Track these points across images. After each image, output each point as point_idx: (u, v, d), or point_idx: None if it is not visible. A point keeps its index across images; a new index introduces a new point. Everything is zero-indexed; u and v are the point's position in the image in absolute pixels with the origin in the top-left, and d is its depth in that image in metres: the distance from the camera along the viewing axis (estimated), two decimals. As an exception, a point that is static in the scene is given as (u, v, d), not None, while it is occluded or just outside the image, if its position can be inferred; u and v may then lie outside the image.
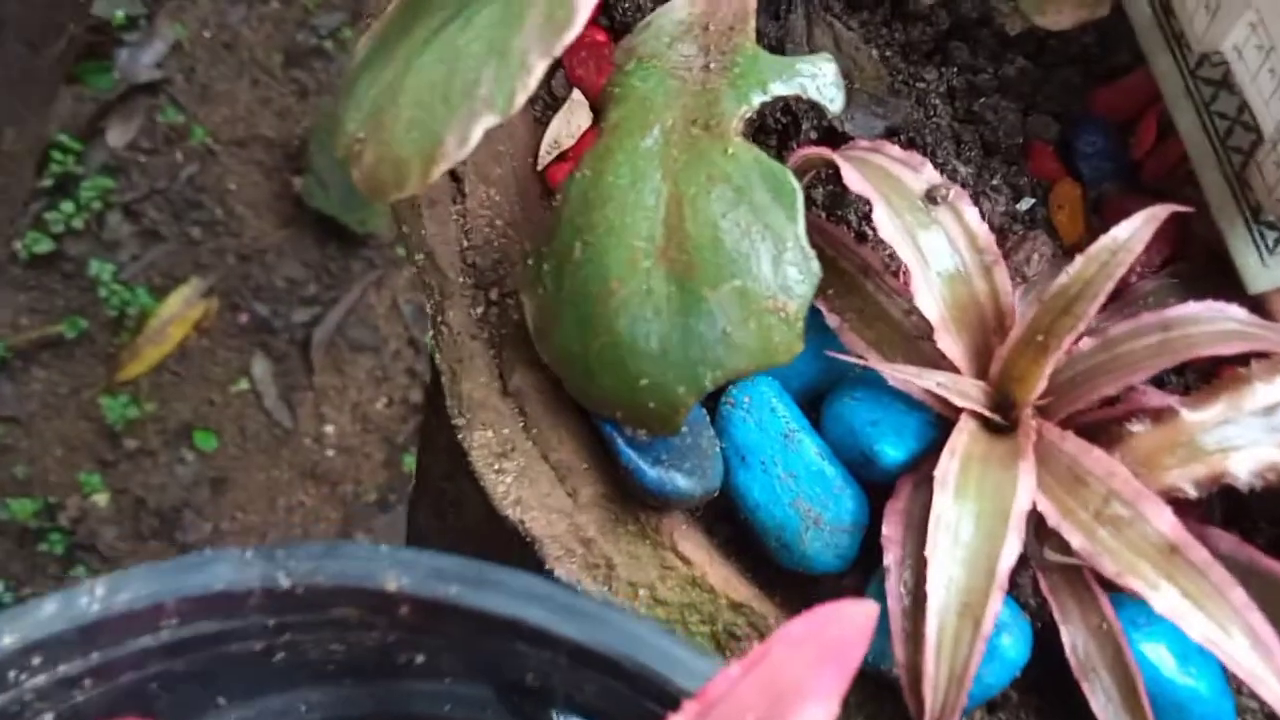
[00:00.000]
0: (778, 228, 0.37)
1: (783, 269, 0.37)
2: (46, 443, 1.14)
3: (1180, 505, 0.39)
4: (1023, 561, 0.41)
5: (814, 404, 0.46)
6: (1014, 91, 0.51)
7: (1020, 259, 0.47)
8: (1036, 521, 0.40)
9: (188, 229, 1.22)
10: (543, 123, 0.51)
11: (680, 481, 0.42)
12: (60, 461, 1.14)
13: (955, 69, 0.52)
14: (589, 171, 0.40)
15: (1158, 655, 0.39)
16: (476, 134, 0.35)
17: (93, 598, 0.31)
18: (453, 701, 0.38)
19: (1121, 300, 0.47)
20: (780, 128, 0.50)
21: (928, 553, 0.38)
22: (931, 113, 0.50)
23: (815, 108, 0.48)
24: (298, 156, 1.19)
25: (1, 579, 1.08)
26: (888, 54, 0.51)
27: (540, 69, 0.35)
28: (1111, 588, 0.40)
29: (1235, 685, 0.41)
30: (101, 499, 1.15)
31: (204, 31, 1.23)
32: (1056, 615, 0.40)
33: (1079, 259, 0.41)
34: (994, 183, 0.49)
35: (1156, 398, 0.41)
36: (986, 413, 0.42)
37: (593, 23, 0.51)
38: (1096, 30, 0.51)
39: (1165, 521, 0.37)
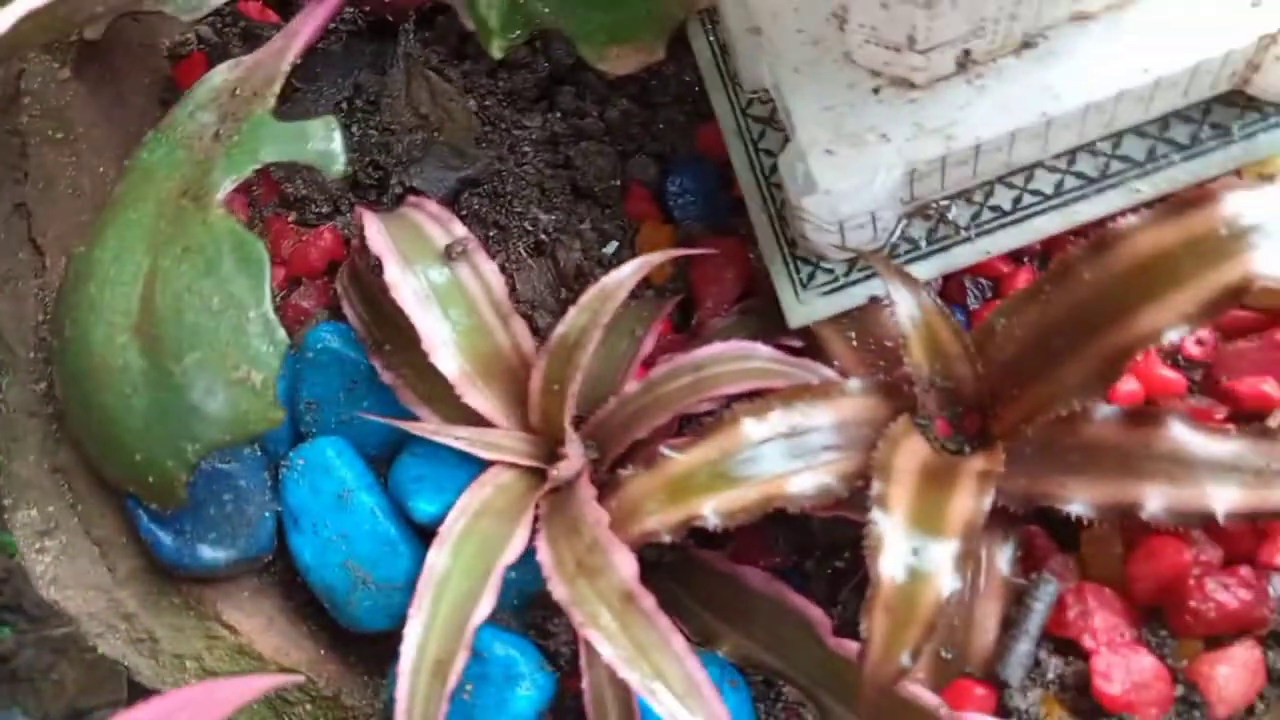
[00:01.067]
0: (241, 298, 0.38)
1: (246, 340, 0.38)
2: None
3: (742, 534, 0.41)
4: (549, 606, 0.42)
5: (389, 462, 0.47)
6: (620, 133, 0.52)
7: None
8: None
9: None
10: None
11: (204, 552, 0.42)
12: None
13: (559, 114, 0.53)
14: (83, 248, 0.41)
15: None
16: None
17: None
18: None
19: (698, 338, 0.48)
20: (374, 183, 0.52)
21: (410, 612, 0.38)
22: (521, 160, 0.51)
23: (396, 163, 0.50)
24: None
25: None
26: (488, 103, 0.52)
27: None
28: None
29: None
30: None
31: None
32: (582, 663, 0.41)
33: (572, 310, 0.42)
34: (581, 227, 0.50)
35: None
36: (523, 461, 0.43)
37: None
38: (697, 70, 0.52)
39: (628, 570, 0.37)
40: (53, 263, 0.50)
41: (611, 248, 0.50)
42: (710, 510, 0.38)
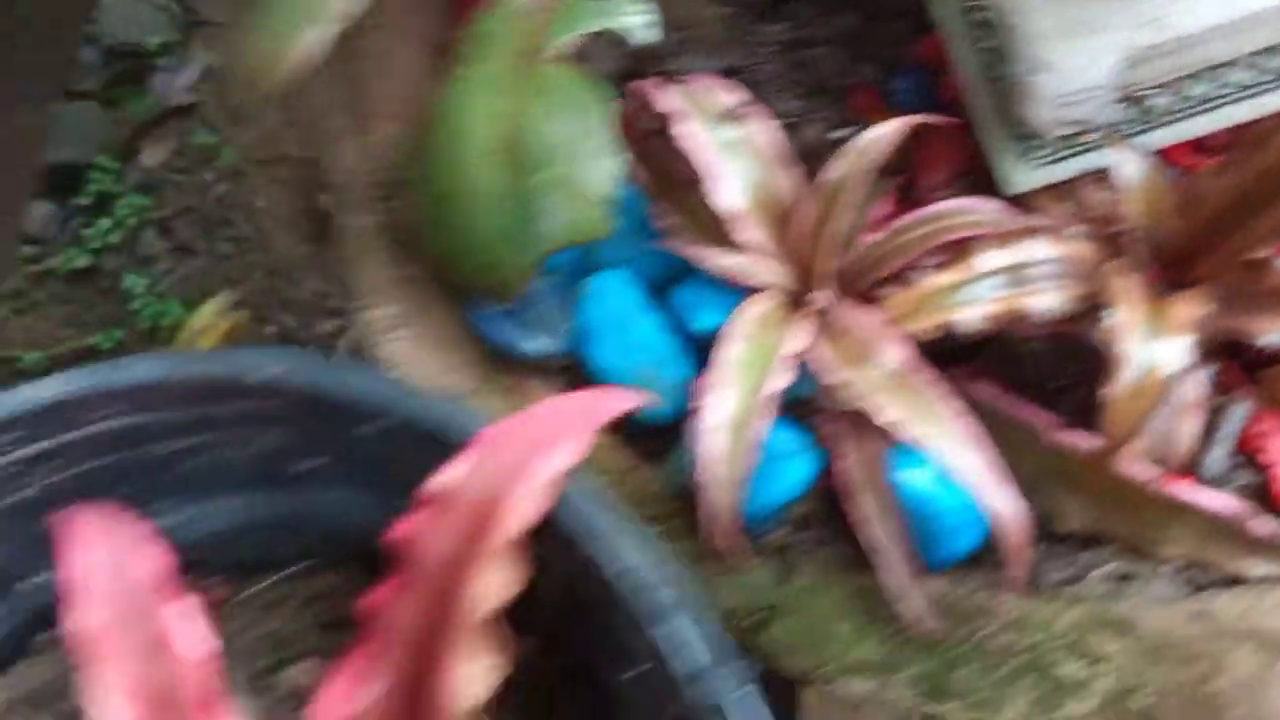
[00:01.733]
0: (585, 130, 0.48)
1: (594, 160, 0.48)
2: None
3: (959, 364, 0.50)
4: (815, 409, 0.51)
5: (662, 292, 0.56)
6: (844, 42, 0.62)
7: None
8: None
9: (218, 245, 1.32)
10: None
11: (528, 345, 0.52)
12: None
13: (794, 23, 0.62)
14: (443, 93, 0.51)
15: (917, 479, 0.49)
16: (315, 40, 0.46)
17: (51, 388, 0.42)
18: (348, 507, 0.49)
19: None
20: (628, 73, 0.61)
21: (710, 383, 0.48)
22: (764, 59, 0.61)
23: (656, 56, 0.60)
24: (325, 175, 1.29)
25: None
26: (730, 11, 0.62)
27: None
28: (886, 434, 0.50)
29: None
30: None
31: (234, 58, 1.33)
32: (836, 449, 0.50)
33: (841, 159, 0.51)
34: (817, 116, 0.60)
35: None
36: (791, 287, 0.52)
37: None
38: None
39: (897, 355, 0.46)
40: (373, 127, 0.60)
41: (844, 132, 0.60)
42: (961, 317, 0.47)
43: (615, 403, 0.40)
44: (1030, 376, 0.53)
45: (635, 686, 0.40)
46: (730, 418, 0.47)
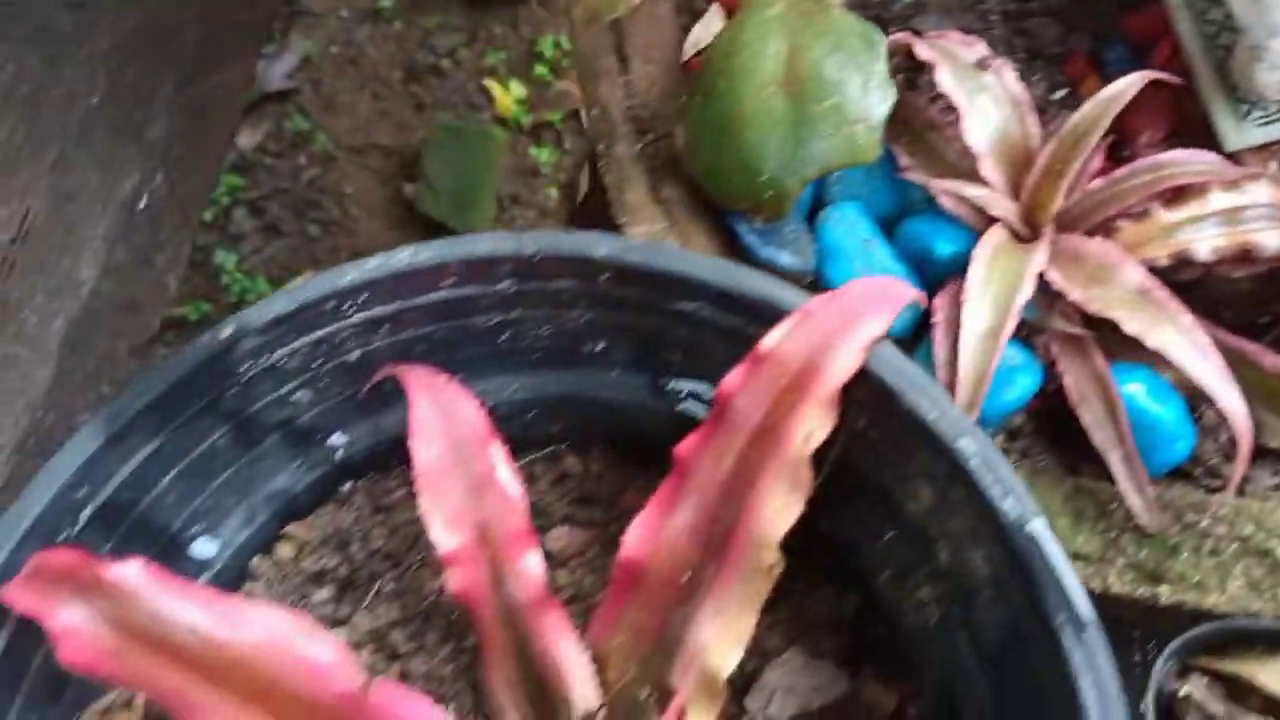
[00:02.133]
0: (866, 66, 0.55)
1: (868, 93, 0.54)
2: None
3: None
4: (1040, 330, 0.57)
5: (889, 226, 0.62)
6: (1060, 14, 0.68)
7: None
8: (1050, 299, 0.56)
9: (306, 226, 1.38)
10: (686, 30, 0.69)
11: (784, 259, 0.58)
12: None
13: (1015, -2, 0.69)
14: (729, 34, 0.58)
15: (1135, 391, 0.54)
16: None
17: (404, 255, 0.49)
18: (618, 389, 0.55)
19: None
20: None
21: (964, 298, 0.54)
22: (989, 25, 0.67)
23: (897, 17, 0.66)
24: (411, 165, 1.32)
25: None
26: (956, -17, 0.68)
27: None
28: (1108, 354, 0.56)
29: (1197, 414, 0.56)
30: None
31: (331, 47, 1.39)
32: (1061, 365, 0.55)
33: (1087, 104, 0.57)
34: (1035, 77, 0.66)
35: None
36: (1015, 224, 0.58)
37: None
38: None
39: (1138, 276, 0.52)
40: (633, 67, 0.67)
41: (1060, 93, 0.65)
42: (1193, 248, 0.53)
43: (906, 290, 0.47)
44: (1235, 315, 0.58)
45: (935, 522, 0.46)
46: (985, 326, 0.53)
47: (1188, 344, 0.50)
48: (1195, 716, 0.45)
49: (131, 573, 0.44)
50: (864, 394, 0.45)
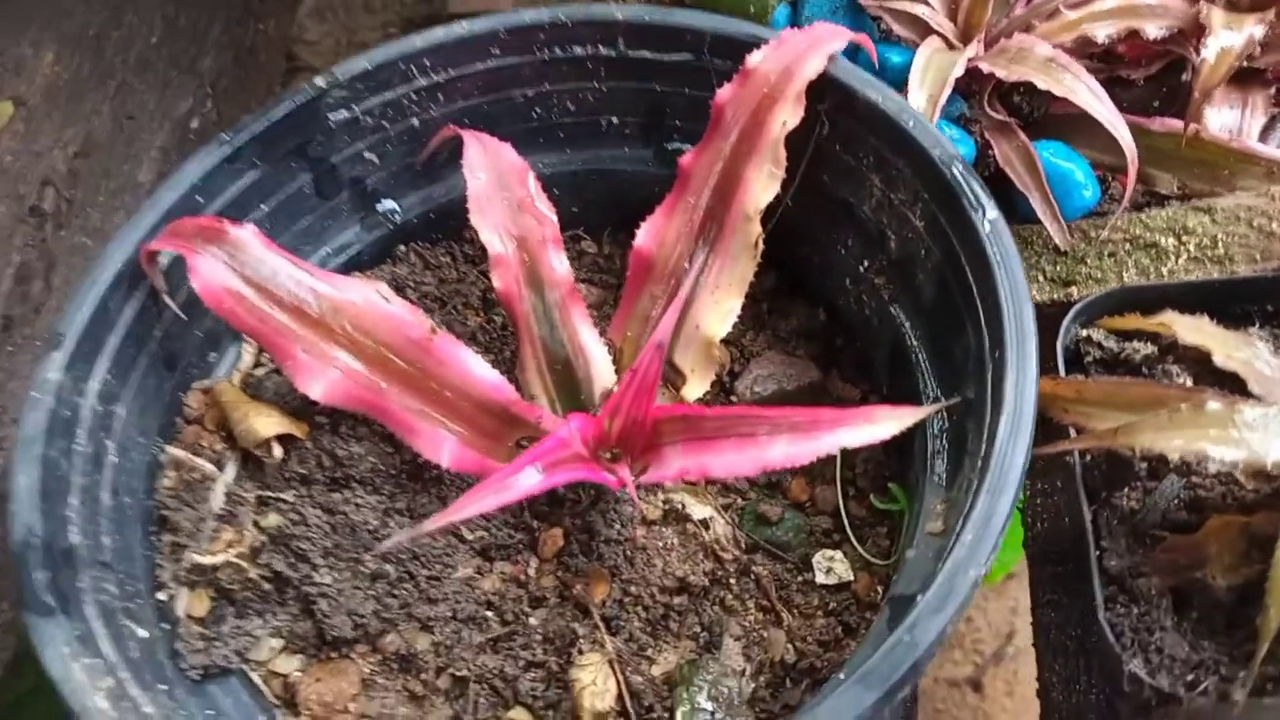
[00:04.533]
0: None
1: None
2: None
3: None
4: (975, 121, 0.70)
5: (851, 57, 0.76)
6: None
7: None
8: (979, 86, 0.69)
9: None
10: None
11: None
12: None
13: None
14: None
15: (1049, 155, 0.67)
16: None
17: (463, 25, 0.62)
18: (629, 161, 0.68)
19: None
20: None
21: (909, 79, 0.67)
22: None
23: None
24: None
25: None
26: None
27: None
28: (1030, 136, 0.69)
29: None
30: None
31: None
32: (992, 140, 0.69)
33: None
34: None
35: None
36: (951, 39, 0.72)
37: None
38: None
39: (1047, 50, 0.66)
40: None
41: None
42: (1094, 33, 0.67)
43: (849, 34, 0.60)
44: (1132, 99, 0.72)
45: (884, 210, 0.58)
46: (925, 96, 0.66)
47: (1086, 90, 0.63)
48: (1093, 352, 0.57)
49: (248, 233, 0.56)
50: (828, 104, 0.58)
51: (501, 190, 0.62)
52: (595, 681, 0.50)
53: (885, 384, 0.61)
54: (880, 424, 0.47)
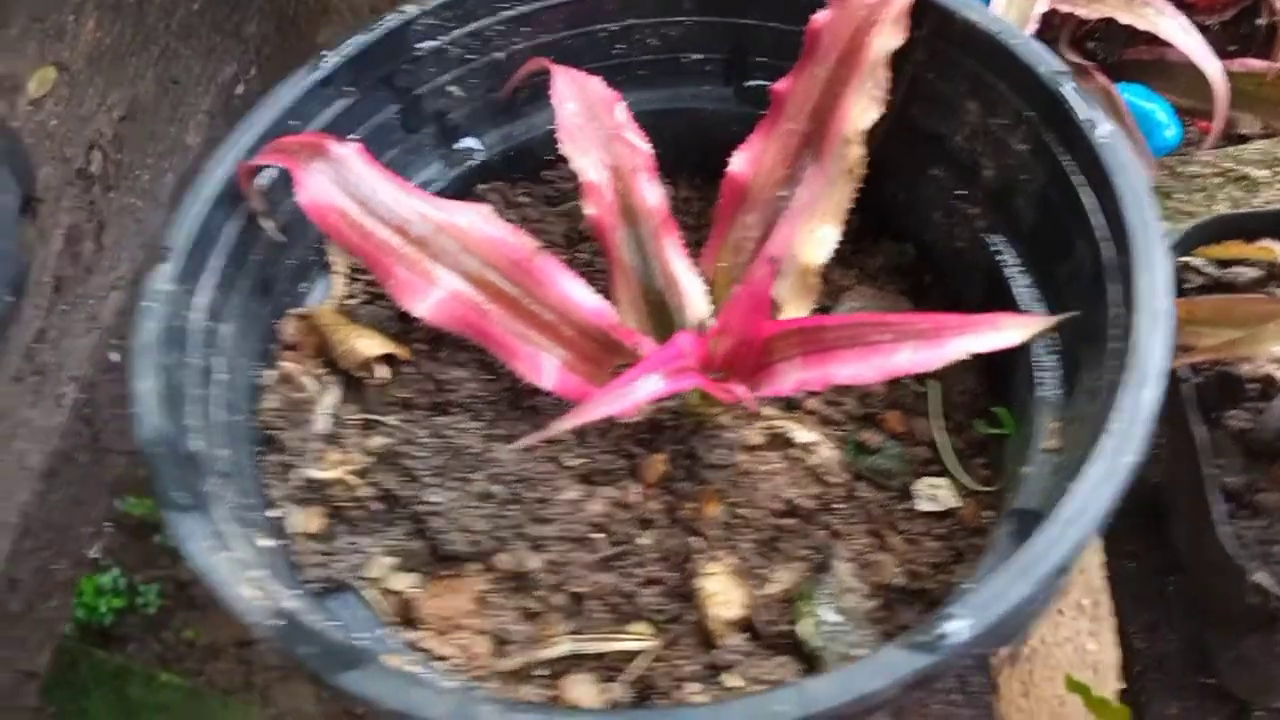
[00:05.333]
0: None
1: None
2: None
3: None
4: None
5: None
6: None
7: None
8: (1059, 34, 0.70)
9: None
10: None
11: None
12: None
13: None
14: None
15: (1131, 96, 0.68)
16: None
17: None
18: (709, 99, 0.68)
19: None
20: None
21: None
22: None
23: None
24: None
25: (118, 566, 1.25)
26: None
27: None
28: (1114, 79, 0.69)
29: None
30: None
31: None
32: (1072, 82, 0.69)
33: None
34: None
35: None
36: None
37: None
38: None
39: (1130, -11, 0.66)
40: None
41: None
42: (1172, -29, 0.67)
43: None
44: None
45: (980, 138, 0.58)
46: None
47: (1174, 25, 0.64)
48: (1193, 279, 0.57)
49: (351, 150, 0.55)
50: (924, 29, 0.58)
51: (591, 120, 0.62)
52: (720, 591, 0.50)
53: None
54: (1005, 330, 0.47)
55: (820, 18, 0.58)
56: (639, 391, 0.48)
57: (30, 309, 0.93)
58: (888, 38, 0.56)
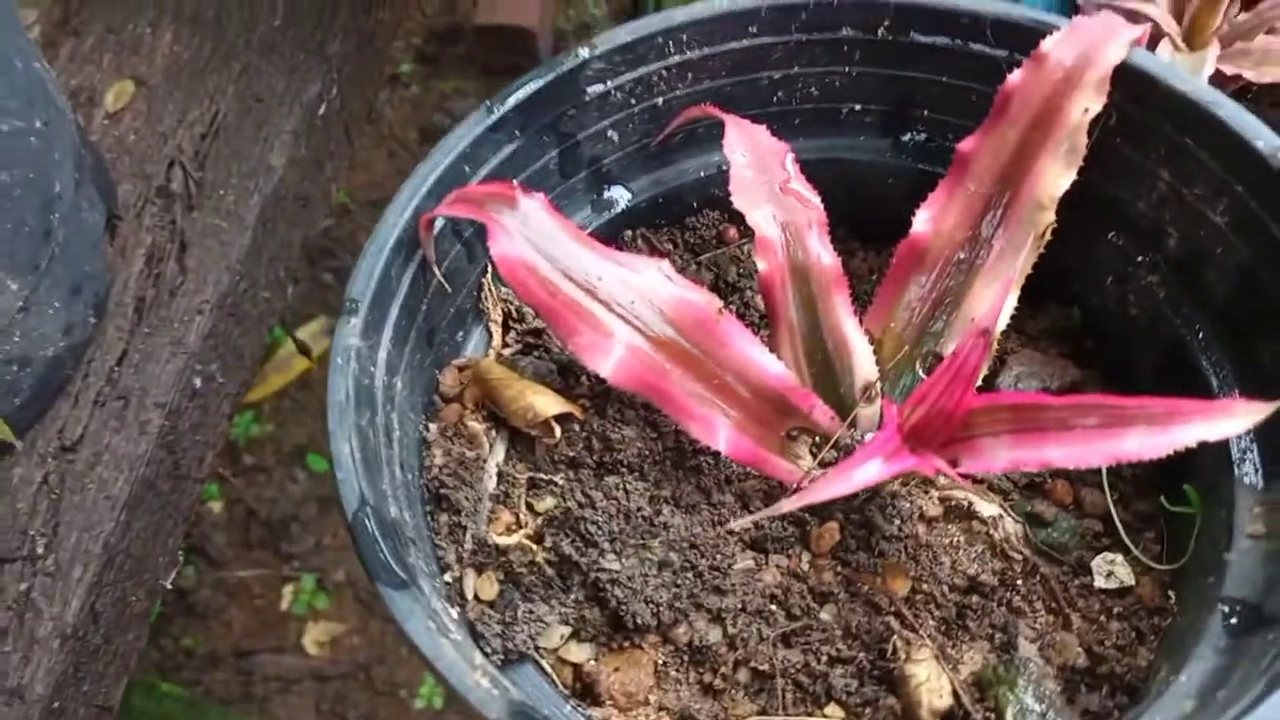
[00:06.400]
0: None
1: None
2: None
3: None
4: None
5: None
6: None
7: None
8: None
9: (320, 274, 1.47)
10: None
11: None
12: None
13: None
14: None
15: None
16: None
17: (724, 2, 0.61)
18: (864, 151, 0.66)
19: None
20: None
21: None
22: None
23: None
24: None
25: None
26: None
27: None
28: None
29: None
30: (216, 507, 1.31)
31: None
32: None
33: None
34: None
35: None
36: (1177, 41, 0.71)
37: None
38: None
39: None
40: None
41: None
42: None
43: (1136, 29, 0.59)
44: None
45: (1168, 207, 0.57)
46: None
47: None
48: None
49: (537, 202, 0.54)
50: (1119, 94, 0.56)
51: (761, 172, 0.60)
52: (930, 678, 0.48)
53: (1153, 387, 0.60)
54: (1238, 418, 0.46)
55: (1014, 79, 0.57)
56: (861, 476, 0.47)
57: (112, 330, 0.90)
58: (1088, 101, 0.55)
